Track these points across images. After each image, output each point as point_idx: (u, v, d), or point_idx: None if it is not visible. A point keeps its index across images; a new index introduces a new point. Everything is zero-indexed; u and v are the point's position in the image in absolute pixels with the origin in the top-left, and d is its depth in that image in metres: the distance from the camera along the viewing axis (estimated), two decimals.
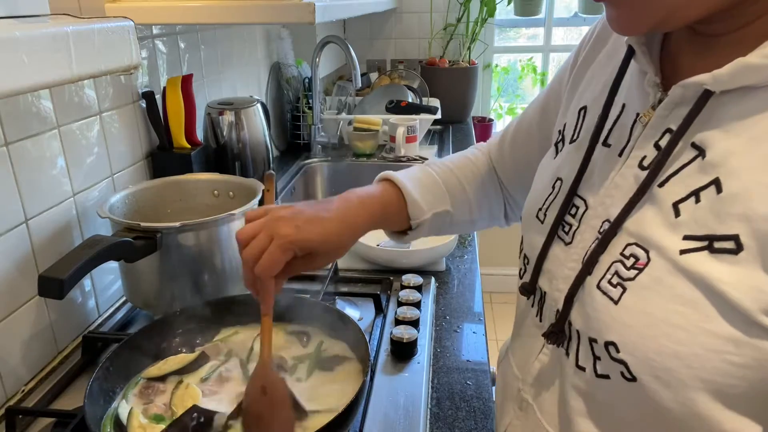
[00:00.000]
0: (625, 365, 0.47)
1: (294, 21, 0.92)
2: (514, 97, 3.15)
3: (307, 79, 2.06)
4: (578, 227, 0.55)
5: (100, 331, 1.00)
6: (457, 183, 0.79)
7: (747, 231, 0.41)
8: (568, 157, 0.60)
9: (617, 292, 0.48)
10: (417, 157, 1.94)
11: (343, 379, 0.78)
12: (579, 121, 0.61)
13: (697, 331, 0.43)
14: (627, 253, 0.48)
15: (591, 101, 0.60)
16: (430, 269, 1.18)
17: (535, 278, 0.59)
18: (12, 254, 0.83)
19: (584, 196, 0.55)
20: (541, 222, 0.61)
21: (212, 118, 1.28)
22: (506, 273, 3.08)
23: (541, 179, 0.64)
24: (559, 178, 0.60)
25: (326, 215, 0.65)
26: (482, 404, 0.82)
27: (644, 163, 0.50)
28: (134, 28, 0.46)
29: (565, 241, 0.56)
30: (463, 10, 2.73)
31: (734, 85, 0.44)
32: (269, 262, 0.63)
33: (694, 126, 0.46)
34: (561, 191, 0.59)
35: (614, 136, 0.55)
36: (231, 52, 1.61)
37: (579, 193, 0.56)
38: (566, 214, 0.57)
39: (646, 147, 0.50)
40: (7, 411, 0.77)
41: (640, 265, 0.47)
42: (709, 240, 0.43)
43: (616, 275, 0.48)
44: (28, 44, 0.35)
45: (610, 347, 0.48)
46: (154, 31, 1.19)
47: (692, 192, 0.45)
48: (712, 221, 0.43)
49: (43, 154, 0.88)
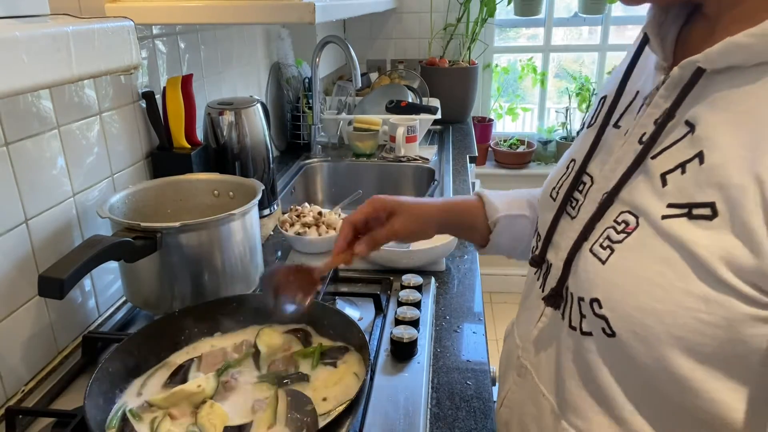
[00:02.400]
0: (606, 321, 0.52)
1: (294, 21, 0.92)
2: (514, 97, 3.15)
3: (307, 79, 2.06)
4: (584, 201, 0.59)
5: (100, 331, 1.00)
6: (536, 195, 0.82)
7: (722, 198, 0.45)
8: (583, 140, 0.64)
9: (606, 254, 0.52)
10: (417, 157, 1.94)
11: (344, 379, 0.78)
12: (598, 108, 0.65)
13: (673, 289, 0.47)
14: (620, 220, 0.52)
15: (610, 90, 0.64)
16: (430, 269, 1.18)
17: (544, 251, 0.64)
18: (12, 254, 0.83)
19: (591, 173, 0.60)
20: (553, 200, 0.65)
21: (212, 118, 1.28)
22: (506, 273, 3.08)
23: (560, 162, 0.69)
24: (573, 159, 0.64)
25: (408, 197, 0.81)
26: (482, 404, 0.82)
27: (643, 139, 0.53)
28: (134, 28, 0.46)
29: (572, 215, 0.60)
30: (463, 10, 2.73)
31: (724, 63, 0.47)
32: (355, 211, 0.79)
33: (688, 103, 0.50)
34: (572, 170, 0.63)
35: (625, 119, 0.59)
36: (231, 52, 1.61)
37: (587, 170, 0.60)
38: (575, 190, 0.61)
39: (647, 124, 0.53)
40: (7, 411, 0.77)
41: (629, 229, 0.51)
42: (688, 207, 0.47)
43: (606, 239, 0.53)
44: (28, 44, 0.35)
45: (594, 304, 0.53)
46: (154, 31, 1.19)
47: (679, 164, 0.49)
48: (693, 190, 0.47)
49: (43, 154, 0.88)
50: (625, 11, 2.94)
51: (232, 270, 0.98)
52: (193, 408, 0.73)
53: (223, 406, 0.73)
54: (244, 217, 0.98)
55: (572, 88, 3.04)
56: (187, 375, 0.79)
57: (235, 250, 0.98)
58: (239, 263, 0.99)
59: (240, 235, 0.98)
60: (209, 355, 0.82)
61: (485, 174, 3.04)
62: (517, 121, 3.19)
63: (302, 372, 0.79)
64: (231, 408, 0.73)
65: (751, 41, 0.45)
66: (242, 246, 0.99)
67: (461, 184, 1.78)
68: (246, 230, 1.00)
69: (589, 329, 0.54)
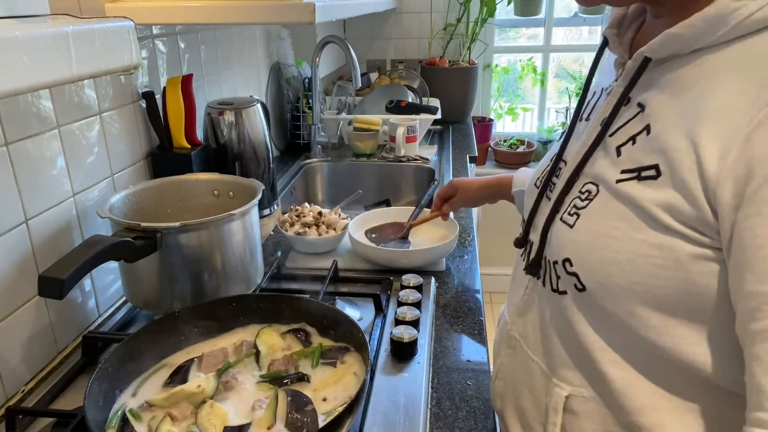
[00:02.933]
0: (576, 277, 0.59)
1: (294, 21, 0.92)
2: (514, 97, 3.15)
3: (307, 79, 2.06)
4: (557, 183, 0.67)
5: (100, 331, 1.00)
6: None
7: (664, 160, 0.53)
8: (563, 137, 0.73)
9: (573, 219, 0.61)
10: (417, 157, 1.94)
11: (344, 379, 0.78)
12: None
13: (629, 240, 0.55)
14: (584, 190, 0.61)
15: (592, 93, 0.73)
16: (430, 269, 1.18)
17: (527, 232, 0.71)
18: (12, 254, 0.83)
19: (566, 159, 0.68)
20: (537, 188, 0.72)
21: (212, 118, 1.28)
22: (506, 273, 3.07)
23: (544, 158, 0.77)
24: (555, 153, 0.72)
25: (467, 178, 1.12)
26: (482, 404, 0.82)
27: (604, 123, 0.61)
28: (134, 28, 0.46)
29: (549, 198, 0.68)
30: (463, 10, 2.73)
31: (666, 52, 0.56)
32: (443, 187, 1.25)
33: (641, 88, 0.59)
34: (553, 162, 0.71)
35: (592, 112, 0.67)
36: (231, 52, 1.61)
37: (563, 157, 0.69)
38: (553, 176, 0.69)
39: (607, 110, 0.61)
40: (7, 411, 0.77)
41: (591, 197, 0.59)
42: (638, 171, 0.55)
43: (573, 207, 0.61)
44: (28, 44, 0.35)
45: (566, 263, 0.60)
46: (154, 31, 1.19)
47: (630, 137, 0.58)
48: (641, 156, 0.55)
49: (43, 154, 0.88)
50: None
51: (232, 270, 0.98)
52: (193, 408, 0.73)
53: (223, 406, 0.73)
54: (244, 217, 0.98)
55: (572, 88, 3.04)
56: (187, 375, 0.79)
57: (235, 250, 0.98)
58: (239, 263, 0.99)
59: (240, 235, 0.98)
60: (209, 355, 0.82)
61: (485, 174, 3.04)
62: (517, 121, 3.19)
63: (302, 372, 0.79)
64: (231, 408, 0.73)
65: (683, 31, 0.53)
66: (242, 246, 0.99)
67: None
68: (246, 230, 1.00)
69: (564, 288, 0.62)
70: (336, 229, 1.28)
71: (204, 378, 0.77)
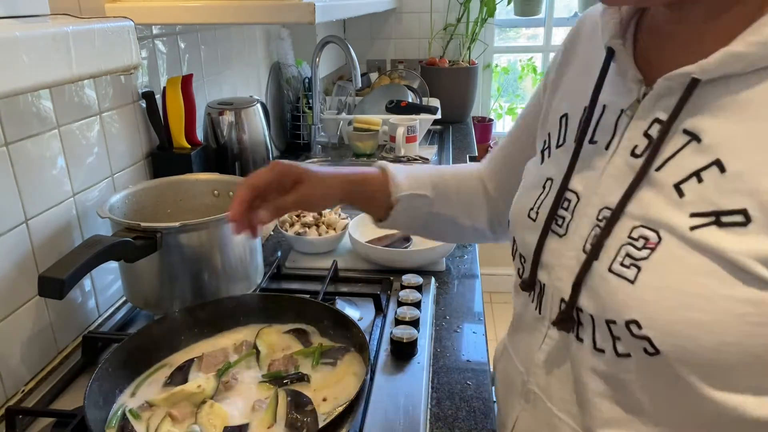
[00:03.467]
0: (648, 340, 0.49)
1: (294, 21, 0.92)
2: (514, 97, 3.15)
3: (307, 79, 2.06)
4: (571, 218, 0.58)
5: (100, 331, 1.00)
6: (440, 176, 0.85)
7: (754, 204, 0.45)
8: (556, 160, 0.63)
9: (632, 272, 0.50)
10: (417, 157, 1.94)
11: (344, 379, 0.78)
12: (562, 128, 0.64)
13: (716, 297, 0.46)
14: (635, 236, 0.50)
15: (570, 108, 0.64)
16: (430, 269, 1.18)
17: (534, 273, 0.61)
18: (12, 254, 0.83)
19: (575, 189, 0.58)
20: (533, 220, 0.63)
21: (212, 118, 1.28)
22: (506, 273, 3.08)
23: (530, 182, 0.67)
24: (549, 178, 0.62)
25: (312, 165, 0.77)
26: (482, 404, 0.82)
27: (637, 151, 0.52)
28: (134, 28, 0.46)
29: (559, 234, 0.59)
30: (463, 10, 2.73)
31: (720, 73, 0.47)
32: (255, 174, 0.72)
33: (683, 113, 0.50)
34: (552, 189, 0.61)
35: (599, 133, 0.58)
36: (231, 52, 1.61)
37: (570, 187, 0.59)
38: (559, 208, 0.59)
39: (636, 137, 0.53)
40: (7, 411, 0.77)
41: (651, 245, 0.49)
42: (716, 215, 0.46)
43: (627, 257, 0.50)
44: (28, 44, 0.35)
45: (632, 325, 0.50)
46: (154, 31, 1.19)
47: (693, 173, 0.48)
48: (718, 198, 0.46)
49: (43, 154, 0.88)
50: None
51: (232, 270, 0.98)
52: (193, 408, 0.73)
53: (223, 406, 0.73)
54: None
55: None
56: (187, 375, 0.79)
57: (235, 250, 0.98)
58: (239, 263, 0.99)
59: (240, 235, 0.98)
60: (209, 355, 0.82)
61: None
62: None
63: (302, 372, 0.79)
64: (231, 408, 0.73)
65: (751, 50, 0.45)
66: (242, 246, 0.99)
67: None
68: None
69: (626, 351, 0.52)
70: (336, 229, 1.28)
71: (204, 378, 0.77)
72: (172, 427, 0.70)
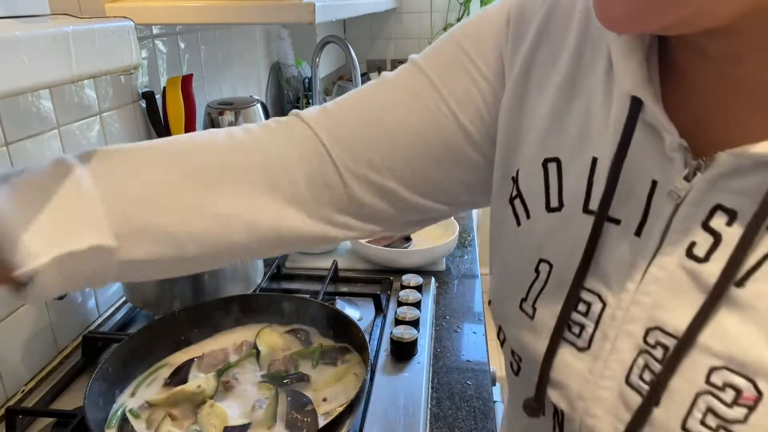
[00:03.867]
0: None
1: (294, 21, 0.92)
2: None
3: (307, 79, 2.06)
4: (596, 329, 0.41)
5: (100, 331, 1.00)
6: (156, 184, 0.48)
7: None
8: (552, 232, 0.45)
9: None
10: None
11: (344, 379, 0.78)
12: (551, 181, 0.45)
13: None
14: (718, 382, 0.35)
15: (566, 154, 0.45)
16: (430, 269, 1.18)
17: (543, 392, 0.45)
18: None
19: (597, 290, 0.42)
20: (530, 317, 0.46)
21: (212, 118, 1.28)
22: None
23: (512, 257, 0.49)
24: (543, 260, 0.45)
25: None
26: (482, 404, 0.82)
27: (697, 252, 0.37)
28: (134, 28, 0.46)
29: (578, 346, 0.43)
30: (463, 10, 2.73)
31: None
32: None
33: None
34: (553, 279, 0.45)
35: (620, 207, 0.41)
36: (231, 52, 1.60)
37: (588, 286, 0.42)
38: (572, 311, 0.43)
39: (691, 230, 0.37)
40: (7, 411, 0.77)
41: (747, 400, 0.34)
42: None
43: (711, 414, 0.35)
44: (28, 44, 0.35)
45: None
46: (154, 31, 1.19)
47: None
48: None
49: (43, 154, 0.88)
50: None
51: (232, 270, 0.98)
52: (193, 408, 0.73)
53: (223, 406, 0.73)
54: None
55: None
56: (187, 375, 0.79)
57: None
58: (239, 263, 0.99)
59: None
60: (209, 355, 0.82)
61: None
62: None
63: (302, 372, 0.79)
64: (231, 408, 0.73)
65: None
66: None
67: None
68: None
69: None
70: None
71: (204, 378, 0.77)
72: (172, 427, 0.70)
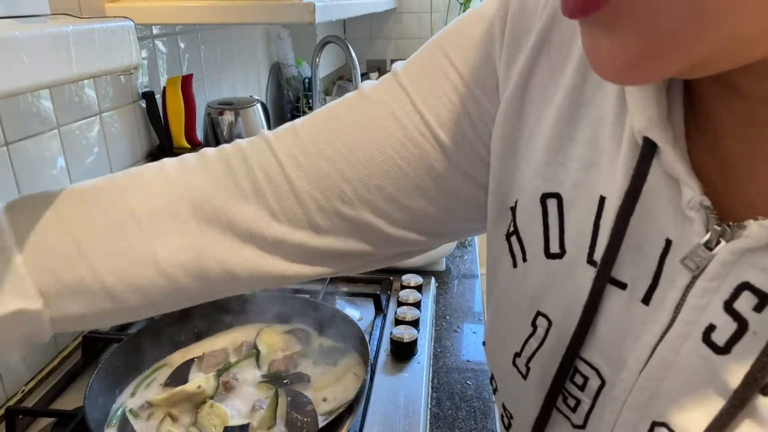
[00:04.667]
0: None
1: (294, 21, 0.92)
2: None
3: (307, 79, 2.06)
4: (591, 408, 0.37)
5: (100, 331, 1.00)
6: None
7: None
8: (551, 283, 0.39)
9: None
10: None
11: (344, 379, 0.78)
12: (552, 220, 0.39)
13: None
14: None
15: (569, 189, 0.38)
16: (430, 269, 1.18)
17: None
18: None
19: (595, 364, 0.36)
20: (522, 376, 0.41)
21: (212, 118, 1.28)
22: None
23: (508, 303, 0.44)
24: (541, 313, 0.40)
25: None
26: (482, 404, 0.82)
27: (715, 338, 0.30)
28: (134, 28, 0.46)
29: (573, 422, 0.38)
30: (463, 10, 2.73)
31: None
32: None
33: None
34: (551, 339, 0.39)
35: (626, 266, 0.34)
36: (231, 52, 1.61)
37: (584, 356, 0.37)
38: (567, 380, 0.38)
39: (710, 309, 0.30)
40: (7, 411, 0.77)
41: None
42: None
43: None
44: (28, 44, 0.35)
45: None
46: (154, 31, 1.19)
47: None
48: None
49: (43, 154, 0.88)
50: None
51: None
52: (193, 408, 0.73)
53: (223, 406, 0.73)
54: None
55: None
56: (187, 375, 0.79)
57: None
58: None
59: None
60: (209, 355, 0.82)
61: None
62: None
63: (302, 372, 0.79)
64: (231, 408, 0.73)
65: None
66: None
67: None
68: None
69: None
70: None
71: (204, 378, 0.77)
72: (172, 427, 0.70)
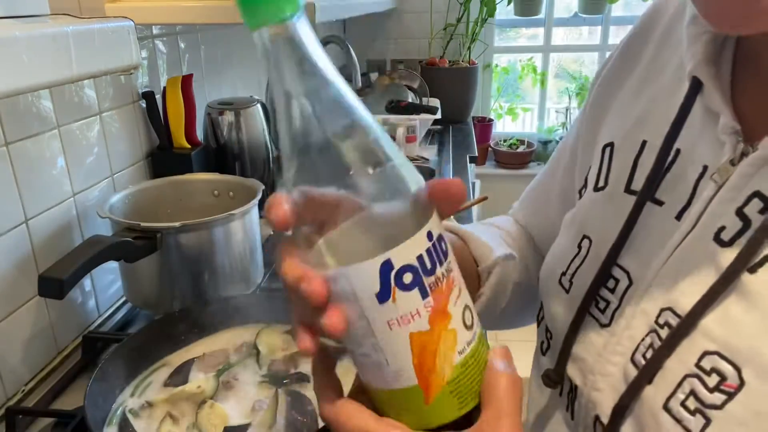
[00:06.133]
0: None
1: None
2: (514, 97, 3.15)
3: None
4: (618, 306, 0.42)
5: (100, 331, 1.00)
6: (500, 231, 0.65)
7: None
8: (595, 210, 0.48)
9: (697, 424, 0.34)
10: (417, 157, 1.94)
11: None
12: (604, 163, 0.48)
13: None
14: (706, 366, 0.34)
15: (620, 137, 0.47)
16: None
17: (563, 365, 0.46)
18: (12, 254, 0.83)
19: (627, 268, 0.42)
20: (566, 290, 0.48)
21: (212, 118, 1.28)
22: None
23: (565, 234, 0.52)
24: (585, 236, 0.47)
25: None
26: None
27: (723, 236, 0.36)
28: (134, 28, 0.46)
29: (601, 322, 0.43)
30: (463, 10, 2.73)
31: None
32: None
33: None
34: (591, 255, 0.46)
35: (668, 190, 0.41)
36: (231, 52, 1.60)
37: (620, 263, 0.43)
38: (602, 287, 0.43)
39: (725, 214, 0.36)
40: (7, 411, 0.77)
41: (727, 387, 0.33)
42: None
43: (693, 397, 0.34)
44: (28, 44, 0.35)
45: None
46: (154, 31, 1.19)
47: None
48: None
49: (43, 154, 0.88)
50: (625, 11, 2.94)
51: (232, 270, 0.98)
52: (193, 408, 0.73)
53: (223, 407, 0.73)
54: (244, 217, 0.98)
55: (572, 88, 3.05)
56: (187, 375, 0.79)
57: (235, 250, 0.98)
58: (239, 263, 0.99)
59: (240, 235, 0.98)
60: (209, 355, 0.82)
61: (485, 174, 3.04)
62: (517, 121, 3.20)
63: (302, 372, 0.79)
64: (231, 408, 0.73)
65: None
66: (242, 246, 0.99)
67: None
68: (246, 230, 1.00)
69: None
70: None
71: (204, 378, 0.77)
72: (172, 427, 0.70)
